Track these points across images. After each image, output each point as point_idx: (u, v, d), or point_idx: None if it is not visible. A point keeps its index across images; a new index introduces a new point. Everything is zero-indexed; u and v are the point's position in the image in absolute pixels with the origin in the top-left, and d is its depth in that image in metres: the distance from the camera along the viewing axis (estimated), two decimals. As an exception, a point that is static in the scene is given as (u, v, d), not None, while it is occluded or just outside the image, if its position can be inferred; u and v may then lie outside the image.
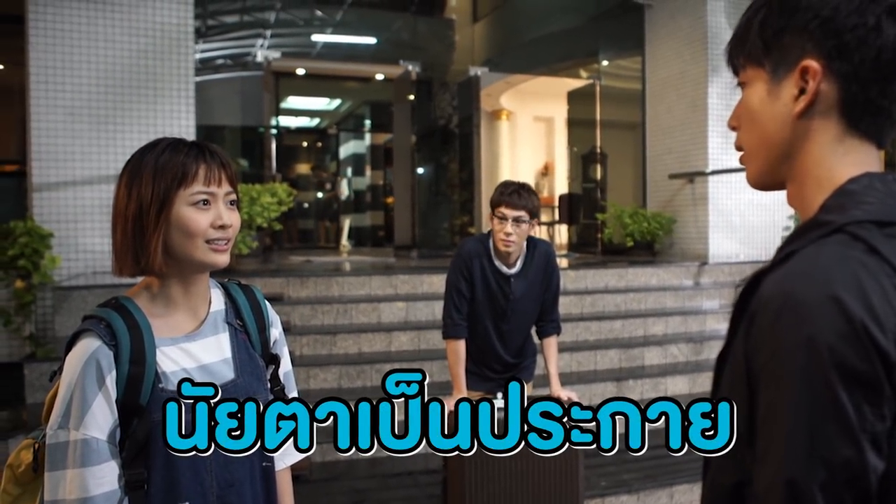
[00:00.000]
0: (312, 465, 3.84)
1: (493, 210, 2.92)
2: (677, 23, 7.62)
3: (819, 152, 0.81)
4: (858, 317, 0.65)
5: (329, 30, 9.68)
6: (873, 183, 0.77)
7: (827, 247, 0.71)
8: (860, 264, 0.68)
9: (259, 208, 5.74)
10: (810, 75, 0.78)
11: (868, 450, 0.65)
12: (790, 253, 0.74)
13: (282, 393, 1.40)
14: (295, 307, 5.10)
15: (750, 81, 0.86)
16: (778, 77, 0.82)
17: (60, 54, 5.08)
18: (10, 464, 1.25)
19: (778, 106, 0.82)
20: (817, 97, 0.79)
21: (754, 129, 0.86)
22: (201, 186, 1.23)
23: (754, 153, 0.87)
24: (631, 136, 8.81)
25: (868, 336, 0.65)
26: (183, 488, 1.19)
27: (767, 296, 0.71)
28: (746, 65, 0.86)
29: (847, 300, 0.66)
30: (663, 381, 5.12)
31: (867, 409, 0.65)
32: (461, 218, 9.84)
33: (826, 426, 0.65)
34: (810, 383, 0.66)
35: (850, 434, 0.65)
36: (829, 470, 0.65)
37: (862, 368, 0.65)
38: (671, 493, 3.89)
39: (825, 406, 0.65)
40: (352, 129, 13.99)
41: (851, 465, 0.65)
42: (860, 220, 0.72)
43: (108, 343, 1.17)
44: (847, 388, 0.65)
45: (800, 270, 0.70)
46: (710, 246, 7.15)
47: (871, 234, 0.71)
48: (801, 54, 0.79)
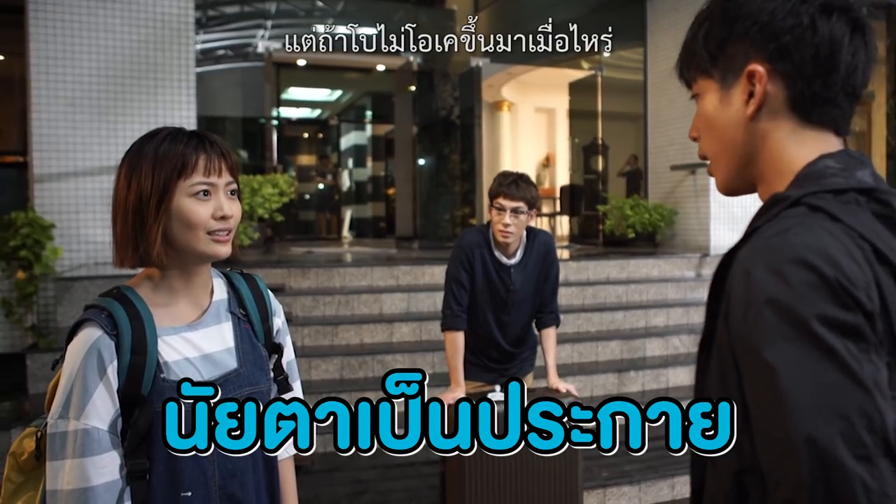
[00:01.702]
0: (315, 456, 3.86)
1: (492, 201, 2.92)
2: (679, 14, 7.59)
3: (777, 148, 0.84)
4: (831, 274, 0.67)
5: (330, 20, 9.64)
6: (827, 163, 0.80)
7: (788, 219, 0.74)
8: (824, 230, 0.71)
9: (260, 199, 5.74)
10: (756, 79, 0.83)
11: (876, 394, 0.64)
12: (755, 229, 0.77)
13: (285, 382, 1.40)
14: (296, 298, 5.10)
15: (703, 92, 0.90)
16: (727, 84, 0.86)
17: (61, 45, 5.07)
18: (13, 452, 1.25)
19: (731, 112, 0.86)
20: (766, 98, 0.83)
21: (714, 137, 0.89)
22: (201, 177, 1.22)
23: (718, 160, 0.91)
24: (632, 128, 8.79)
25: (843, 289, 0.66)
26: (185, 478, 1.19)
27: (740, 273, 0.73)
28: (697, 77, 0.90)
29: (815, 262, 0.67)
30: (665, 372, 5.13)
31: (862, 357, 0.65)
32: (462, 209, 9.82)
33: (829, 376, 0.64)
34: (802, 342, 0.66)
35: (855, 378, 0.64)
36: (843, 417, 0.63)
37: (844, 318, 0.66)
38: (672, 483, 3.90)
39: (822, 359, 0.65)
40: (353, 120, 13.96)
41: (865, 409, 0.64)
42: (816, 191, 0.76)
43: (109, 333, 1.16)
44: (839, 338, 0.65)
45: (767, 243, 0.72)
46: (711, 237, 7.14)
47: (828, 203, 0.74)
48: (745, 60, 0.84)
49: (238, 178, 1.30)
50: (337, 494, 3.60)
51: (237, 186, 1.29)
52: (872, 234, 0.71)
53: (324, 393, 4.34)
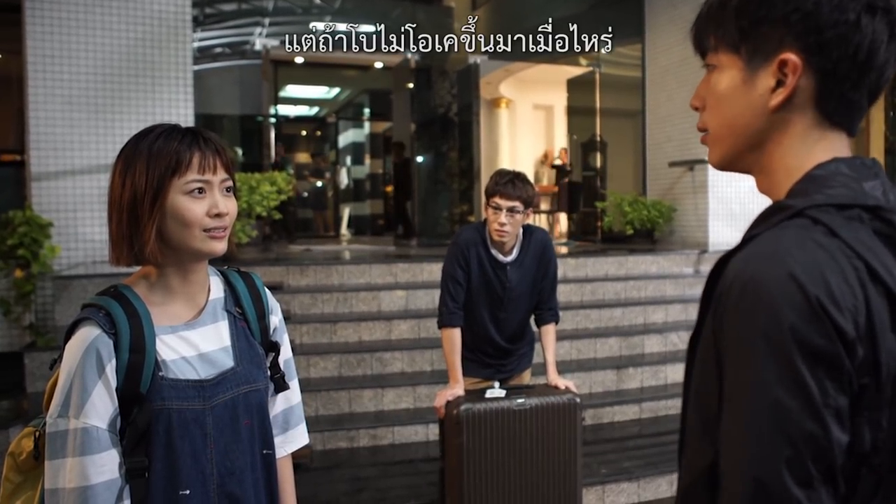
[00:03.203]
0: (313, 453, 3.86)
1: (488, 200, 2.92)
2: (678, 10, 7.58)
3: (791, 143, 0.81)
4: (814, 294, 0.66)
5: (328, 17, 9.63)
6: (840, 167, 0.78)
7: (788, 230, 0.73)
8: (819, 246, 0.70)
9: (258, 197, 5.73)
10: (789, 69, 0.78)
11: (832, 424, 0.66)
12: (754, 236, 0.75)
13: (282, 381, 1.40)
14: (295, 296, 5.10)
15: (722, 66, 0.85)
16: (754, 66, 0.81)
17: (58, 43, 5.06)
18: (12, 452, 1.25)
19: (753, 96, 0.82)
20: (795, 91, 0.79)
21: (723, 115, 0.85)
22: (195, 174, 1.21)
23: (721, 138, 0.87)
24: (631, 124, 8.79)
25: (825, 314, 0.66)
26: (184, 476, 1.19)
27: (731, 278, 0.73)
28: (720, 49, 0.85)
29: (804, 280, 0.67)
30: (663, 368, 5.13)
31: (829, 385, 0.66)
32: (461, 206, 9.83)
33: (789, 402, 0.66)
34: (773, 361, 0.67)
35: (813, 409, 0.66)
36: (793, 446, 0.66)
37: (822, 345, 0.66)
38: (671, 480, 3.90)
39: (788, 383, 0.66)
40: (351, 117, 13.94)
41: (817, 440, 0.66)
42: (820, 204, 0.74)
43: (107, 331, 1.16)
44: (809, 365, 0.66)
45: (761, 253, 0.72)
46: (709, 234, 7.15)
47: (830, 218, 0.72)
48: (779, 46, 0.79)
49: (234, 174, 1.29)
50: (336, 492, 3.60)
51: (233, 183, 1.28)
52: (869, 253, 0.71)
53: (322, 391, 4.34)
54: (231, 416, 1.26)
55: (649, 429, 4.55)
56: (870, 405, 0.68)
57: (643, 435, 4.46)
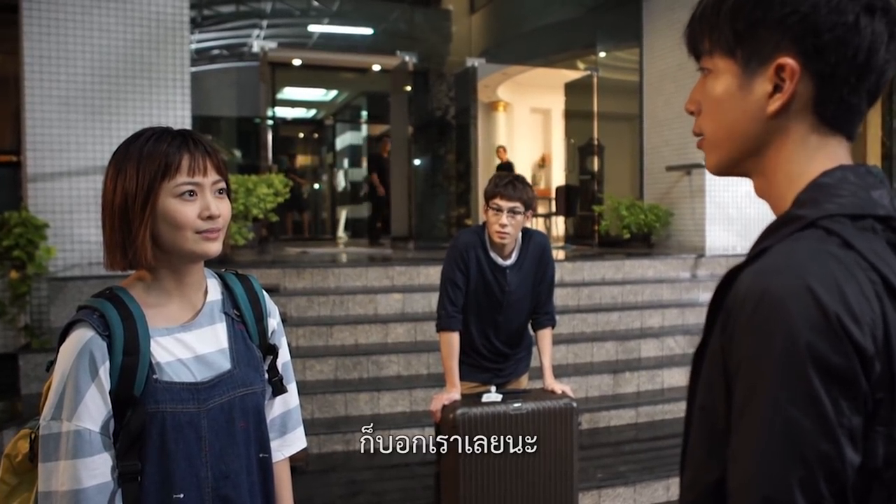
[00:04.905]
0: (309, 457, 3.85)
1: (488, 202, 2.91)
2: (675, 14, 7.59)
3: (791, 148, 0.79)
4: (833, 311, 0.64)
5: (325, 20, 9.64)
6: (846, 176, 0.76)
7: (801, 242, 0.70)
8: (834, 259, 0.67)
9: (255, 199, 5.72)
10: (787, 74, 0.76)
11: (846, 445, 0.64)
12: (764, 249, 0.73)
13: (279, 384, 1.39)
14: (291, 298, 5.09)
15: (717, 70, 0.82)
16: (750, 71, 0.79)
17: (55, 44, 5.05)
18: (8, 454, 1.25)
19: (749, 102, 0.79)
20: (793, 96, 0.76)
21: (719, 120, 0.83)
22: (185, 177, 1.20)
23: (718, 143, 0.84)
24: (628, 128, 8.80)
25: (844, 331, 0.64)
26: (178, 480, 1.19)
27: (744, 292, 0.70)
28: (715, 52, 0.82)
29: (822, 295, 0.65)
30: (660, 373, 5.13)
31: (844, 404, 0.64)
32: (458, 209, 9.84)
33: (803, 421, 0.64)
34: (787, 379, 0.65)
35: (828, 429, 0.64)
36: (806, 466, 0.64)
37: (839, 363, 0.64)
38: (667, 485, 3.90)
39: (802, 401, 0.64)
40: (348, 119, 13.94)
41: (830, 461, 0.64)
42: (833, 215, 0.72)
43: (101, 333, 1.16)
44: (824, 384, 0.64)
45: (775, 266, 0.69)
46: (706, 238, 7.15)
47: (844, 228, 0.70)
48: (775, 50, 0.76)
49: (227, 176, 1.28)
50: (332, 495, 3.59)
51: (226, 185, 1.27)
52: (885, 266, 0.69)
53: (318, 394, 4.33)
54: (227, 418, 1.25)
55: (646, 433, 4.55)
56: (884, 420, 0.66)
57: (639, 439, 4.45)
